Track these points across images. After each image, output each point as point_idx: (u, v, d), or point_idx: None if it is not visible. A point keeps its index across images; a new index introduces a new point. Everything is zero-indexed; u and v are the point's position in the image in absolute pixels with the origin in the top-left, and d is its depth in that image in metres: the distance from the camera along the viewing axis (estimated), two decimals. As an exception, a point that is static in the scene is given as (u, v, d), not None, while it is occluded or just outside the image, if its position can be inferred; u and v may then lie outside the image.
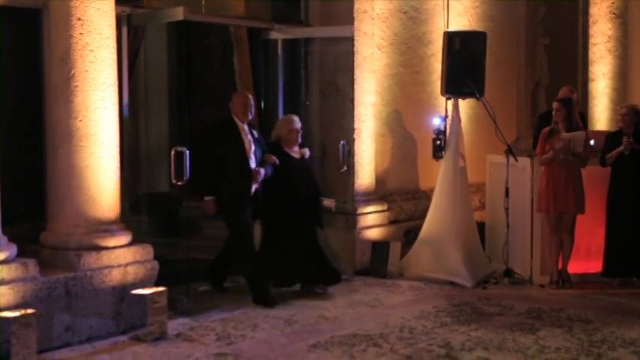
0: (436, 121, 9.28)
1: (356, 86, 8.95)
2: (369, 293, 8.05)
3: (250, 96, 7.74)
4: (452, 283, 8.43)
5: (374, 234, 9.09)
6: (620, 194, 8.31)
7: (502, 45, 10.83)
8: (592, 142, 8.40)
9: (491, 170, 9.23)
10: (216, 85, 11.21)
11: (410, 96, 9.71)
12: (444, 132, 9.15)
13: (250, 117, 7.67)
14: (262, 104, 9.21)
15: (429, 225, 8.89)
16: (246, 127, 7.60)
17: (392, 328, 6.77)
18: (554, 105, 8.42)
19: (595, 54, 11.49)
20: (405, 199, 9.66)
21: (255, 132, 7.70)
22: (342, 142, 8.88)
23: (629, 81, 11.50)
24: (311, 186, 8.06)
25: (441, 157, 9.05)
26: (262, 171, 7.56)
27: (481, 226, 9.22)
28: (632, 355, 6.08)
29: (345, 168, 8.89)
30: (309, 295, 7.91)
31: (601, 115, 11.50)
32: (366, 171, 9.09)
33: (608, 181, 8.40)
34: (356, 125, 8.96)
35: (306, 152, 8.13)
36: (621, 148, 8.18)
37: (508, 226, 8.62)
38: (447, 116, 9.20)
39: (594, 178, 8.48)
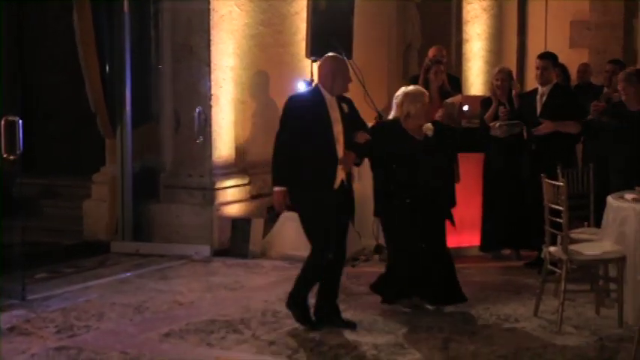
0: (301, 86, 9.34)
1: (212, 48, 8.91)
2: (229, 275, 8.07)
3: (344, 60, 6.63)
4: (319, 262, 8.52)
5: (234, 210, 9.10)
6: (498, 161, 8.58)
7: (371, 3, 10.97)
8: (466, 107, 8.62)
9: (361, 139, 9.35)
10: (52, 47, 10.92)
11: (272, 58, 9.72)
12: (310, 98, 9.19)
13: (345, 89, 6.48)
14: (107, 68, 9.03)
15: (295, 199, 8.93)
16: (334, 100, 6.40)
17: (254, 313, 6.80)
18: (435, 68, 8.57)
19: (469, 13, 11.79)
20: (268, 172, 9.59)
21: (345, 106, 6.46)
22: (197, 109, 8.82)
23: (504, 42, 11.88)
24: (439, 175, 6.90)
25: (307, 126, 9.10)
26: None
27: (350, 199, 9.33)
28: (506, 332, 6.32)
29: (202, 138, 8.85)
30: (165, 278, 7.88)
31: (476, 79, 11.84)
32: (224, 141, 9.08)
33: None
34: (213, 91, 8.93)
35: (430, 129, 6.92)
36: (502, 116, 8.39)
37: (379, 199, 8.78)
38: (312, 80, 9.26)
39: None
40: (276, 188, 6.36)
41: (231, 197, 9.13)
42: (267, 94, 9.73)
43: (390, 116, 7.00)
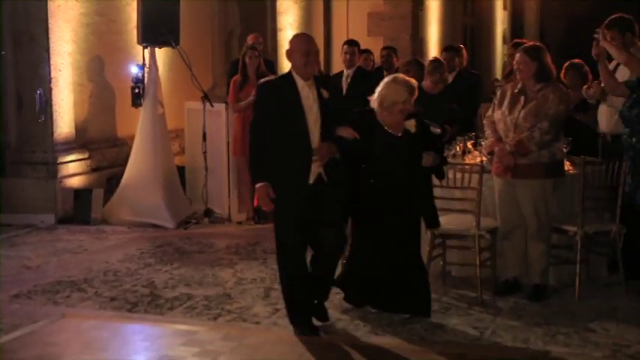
0: (134, 70, 9.26)
1: (51, 35, 8.69)
2: (73, 241, 7.96)
3: (313, 39, 5.41)
4: (155, 226, 8.53)
5: (76, 182, 8.95)
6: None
7: (196, -5, 10.93)
8: None
9: (190, 116, 9.37)
10: None
11: (107, 45, 9.55)
12: (142, 80, 9.15)
13: (316, 70, 5.38)
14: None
15: (131, 171, 8.91)
16: (310, 85, 5.22)
17: (96, 273, 6.78)
18: (250, 53, 8.64)
19: (282, 5, 11.93)
20: (106, 147, 9.57)
21: (324, 92, 5.27)
22: (38, 91, 8.59)
23: (312, 31, 12.08)
24: (416, 176, 5.46)
25: (140, 105, 9.08)
26: (331, 148, 5.22)
27: (181, 170, 9.36)
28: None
29: (43, 118, 8.64)
30: (13, 245, 7.68)
31: (289, 63, 11.98)
32: (65, 120, 8.89)
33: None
34: (53, 75, 8.72)
35: (413, 125, 5.50)
36: None
37: (207, 169, 8.85)
38: (144, 65, 9.19)
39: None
40: (258, 185, 5.13)
41: (73, 170, 8.98)
42: (104, 77, 9.56)
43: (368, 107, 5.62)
